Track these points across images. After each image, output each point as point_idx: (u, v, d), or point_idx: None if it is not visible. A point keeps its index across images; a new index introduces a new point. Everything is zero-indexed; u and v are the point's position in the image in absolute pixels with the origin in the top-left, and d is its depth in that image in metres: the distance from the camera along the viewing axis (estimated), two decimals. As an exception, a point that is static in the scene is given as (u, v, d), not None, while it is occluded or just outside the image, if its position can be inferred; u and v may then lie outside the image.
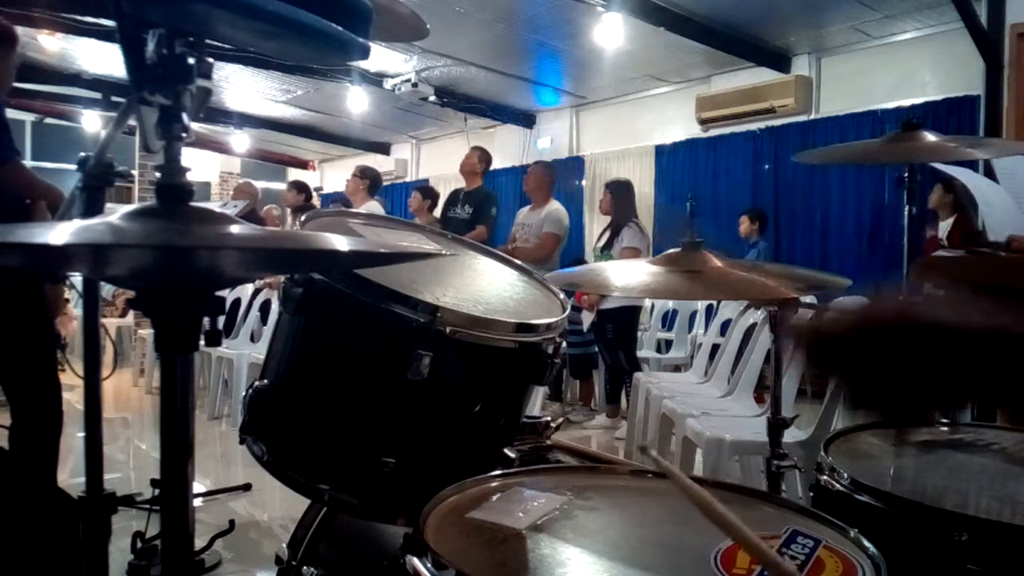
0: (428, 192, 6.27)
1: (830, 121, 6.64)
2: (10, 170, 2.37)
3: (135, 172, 6.96)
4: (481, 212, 5.14)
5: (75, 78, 7.97)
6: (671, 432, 3.24)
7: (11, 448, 2.44)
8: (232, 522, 2.64)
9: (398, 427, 1.11)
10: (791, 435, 2.38)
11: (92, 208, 1.30)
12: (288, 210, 7.10)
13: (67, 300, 2.91)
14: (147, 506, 2.36)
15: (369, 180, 5.69)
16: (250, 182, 7.12)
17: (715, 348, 3.98)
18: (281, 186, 10.62)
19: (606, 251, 4.89)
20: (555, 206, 5.10)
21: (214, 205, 4.08)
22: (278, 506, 3.29)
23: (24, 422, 2.48)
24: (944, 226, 4.68)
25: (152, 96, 0.72)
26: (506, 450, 1.21)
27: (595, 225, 8.12)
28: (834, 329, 0.67)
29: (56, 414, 2.54)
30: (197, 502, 2.82)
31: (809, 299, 2.50)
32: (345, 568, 1.38)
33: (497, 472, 1.07)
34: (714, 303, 5.39)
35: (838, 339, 0.66)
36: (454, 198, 5.41)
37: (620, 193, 5.02)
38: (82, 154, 1.30)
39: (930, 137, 1.88)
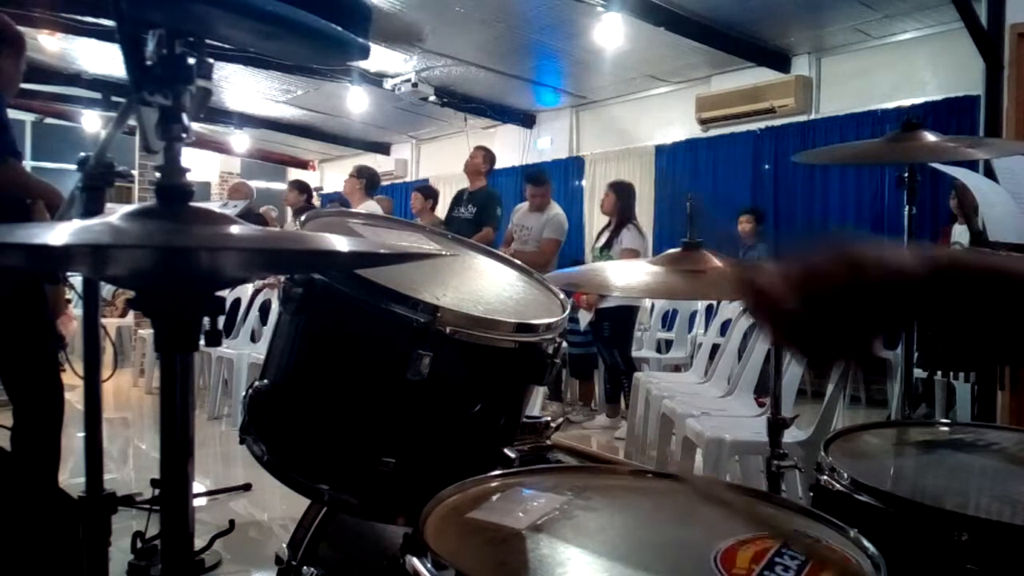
0: (429, 192, 6.24)
1: (830, 121, 6.64)
2: (6, 171, 2.36)
3: (135, 172, 6.94)
4: (486, 212, 5.17)
5: (75, 78, 7.97)
6: (671, 432, 3.24)
7: (13, 449, 2.44)
8: (232, 522, 2.64)
9: (398, 427, 1.11)
10: (791, 435, 2.39)
11: (92, 208, 1.30)
12: (288, 210, 7.10)
13: (68, 300, 2.91)
14: (147, 506, 2.36)
15: (366, 179, 5.70)
16: (245, 182, 7.15)
17: (715, 348, 3.98)
18: (281, 186, 10.64)
19: (605, 251, 4.91)
20: (556, 210, 5.12)
21: (214, 205, 4.08)
22: (278, 506, 3.30)
23: (26, 423, 2.48)
24: (960, 229, 4.67)
25: (152, 96, 0.72)
26: (506, 450, 1.21)
27: (595, 226, 8.11)
28: (780, 288, 0.63)
29: (58, 415, 2.54)
30: (197, 502, 2.82)
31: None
32: (345, 568, 1.38)
33: (497, 472, 1.06)
34: (714, 303, 5.39)
35: (785, 298, 0.63)
36: (459, 198, 5.43)
37: (623, 194, 5.04)
38: (82, 154, 1.30)
39: (930, 137, 1.87)
